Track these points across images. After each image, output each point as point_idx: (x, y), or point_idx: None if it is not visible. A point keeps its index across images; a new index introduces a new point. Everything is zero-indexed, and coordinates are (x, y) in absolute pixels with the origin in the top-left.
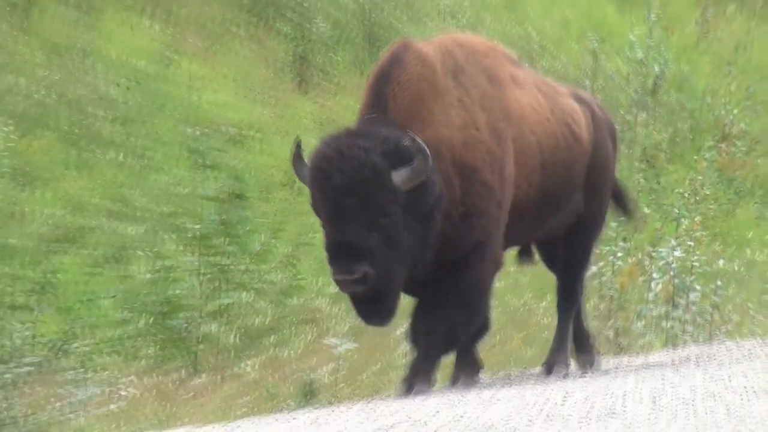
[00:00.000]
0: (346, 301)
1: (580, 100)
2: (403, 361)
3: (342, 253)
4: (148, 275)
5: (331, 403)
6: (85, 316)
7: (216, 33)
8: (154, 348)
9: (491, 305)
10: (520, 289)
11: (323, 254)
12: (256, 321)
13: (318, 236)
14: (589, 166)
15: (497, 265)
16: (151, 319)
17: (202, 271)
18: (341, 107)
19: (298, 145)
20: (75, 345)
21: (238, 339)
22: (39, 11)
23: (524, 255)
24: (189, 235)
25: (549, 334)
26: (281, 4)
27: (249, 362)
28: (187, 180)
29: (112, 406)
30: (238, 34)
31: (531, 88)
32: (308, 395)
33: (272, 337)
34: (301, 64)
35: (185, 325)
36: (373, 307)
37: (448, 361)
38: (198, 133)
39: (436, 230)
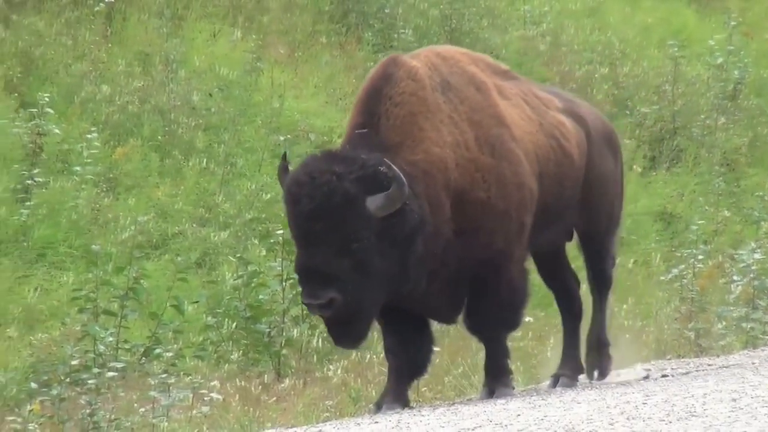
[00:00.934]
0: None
1: (573, 114)
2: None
3: (310, 278)
4: (233, 280)
5: (413, 407)
6: (171, 322)
7: (300, 41)
8: (238, 352)
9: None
10: None
11: None
12: None
13: None
14: (584, 183)
15: (522, 269)
16: (236, 323)
17: (286, 276)
18: None
19: (283, 158)
20: (160, 350)
21: (321, 343)
22: (123, 20)
23: None
24: (273, 241)
25: (631, 336)
26: (365, 12)
27: (332, 366)
28: (271, 186)
29: (197, 411)
30: (322, 42)
31: (517, 100)
32: None
33: None
34: None
35: (269, 329)
36: (343, 329)
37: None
38: (282, 139)
39: (417, 254)
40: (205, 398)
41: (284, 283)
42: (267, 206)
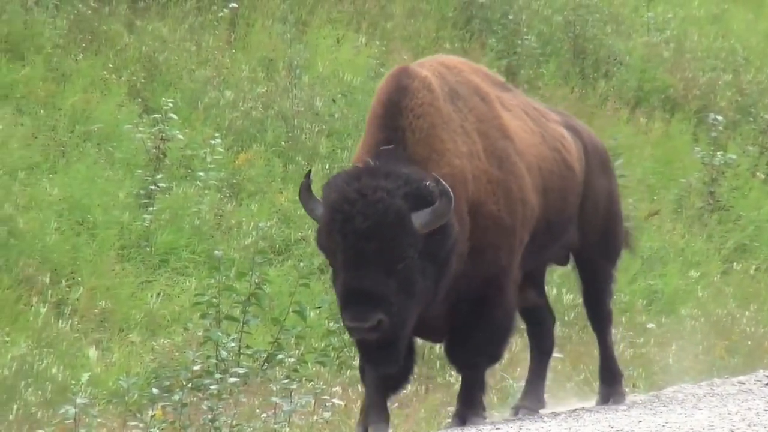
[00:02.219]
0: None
1: (570, 128)
2: None
3: (358, 300)
4: None
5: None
6: (293, 327)
7: (424, 47)
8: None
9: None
10: (723, 298)
11: None
12: None
13: None
14: (583, 198)
15: (516, 289)
16: None
17: None
18: None
19: (307, 176)
20: (282, 356)
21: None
22: (246, 25)
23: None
24: None
25: (753, 343)
26: (489, 18)
27: (455, 372)
28: None
29: (318, 417)
30: (446, 48)
31: (518, 111)
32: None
33: None
34: (509, 77)
35: None
36: (383, 353)
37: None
38: None
39: (450, 272)
40: (327, 404)
41: None
42: None
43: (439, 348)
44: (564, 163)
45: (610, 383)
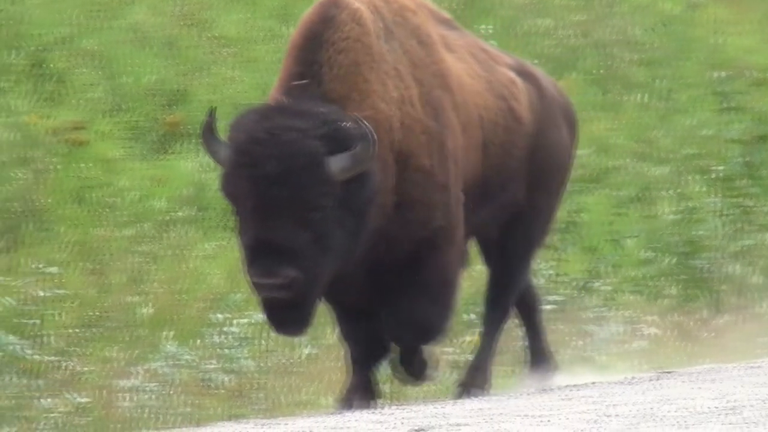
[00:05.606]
0: None
1: (524, 73)
2: None
3: (266, 253)
4: (672, 216)
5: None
6: (609, 256)
7: None
8: (676, 288)
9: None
10: None
11: None
12: None
13: None
14: (532, 152)
15: (460, 256)
16: (674, 259)
17: (725, 212)
18: None
19: (210, 115)
20: (598, 284)
21: (760, 279)
22: None
23: None
24: (712, 177)
25: None
26: None
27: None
28: (711, 122)
29: (633, 345)
30: None
31: (464, 53)
32: None
33: None
34: None
35: (707, 265)
36: (290, 314)
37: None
38: (723, 76)
39: (368, 226)
40: (641, 333)
41: (723, 219)
42: (706, 142)
43: (755, 278)
44: (510, 113)
45: (478, 376)
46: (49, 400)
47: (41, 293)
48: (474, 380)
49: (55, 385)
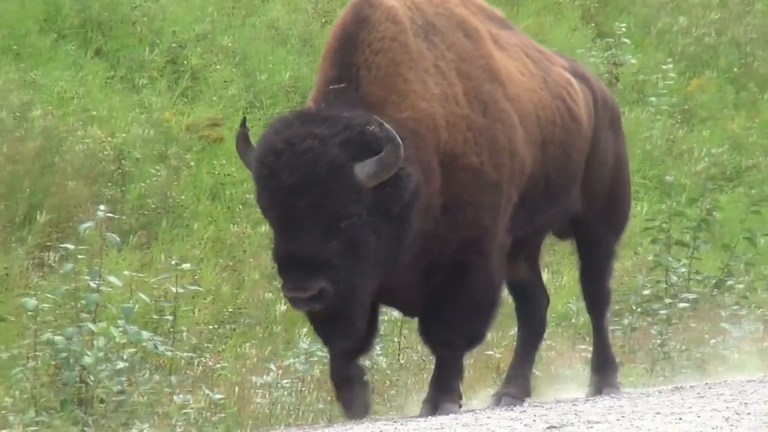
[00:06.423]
0: None
1: (579, 75)
2: None
3: (294, 266)
4: None
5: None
6: (743, 254)
7: None
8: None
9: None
10: None
11: None
12: None
13: None
14: (590, 156)
15: (504, 256)
16: None
17: None
18: None
19: (242, 124)
20: (732, 282)
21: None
22: None
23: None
24: None
25: None
26: None
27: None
28: None
29: (767, 344)
30: None
31: (516, 51)
32: None
33: None
34: None
35: None
36: (334, 326)
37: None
38: None
39: (412, 230)
40: None
41: None
42: None
43: None
44: (569, 113)
45: (604, 372)
46: (183, 396)
47: (176, 289)
48: (607, 379)
49: (190, 381)
